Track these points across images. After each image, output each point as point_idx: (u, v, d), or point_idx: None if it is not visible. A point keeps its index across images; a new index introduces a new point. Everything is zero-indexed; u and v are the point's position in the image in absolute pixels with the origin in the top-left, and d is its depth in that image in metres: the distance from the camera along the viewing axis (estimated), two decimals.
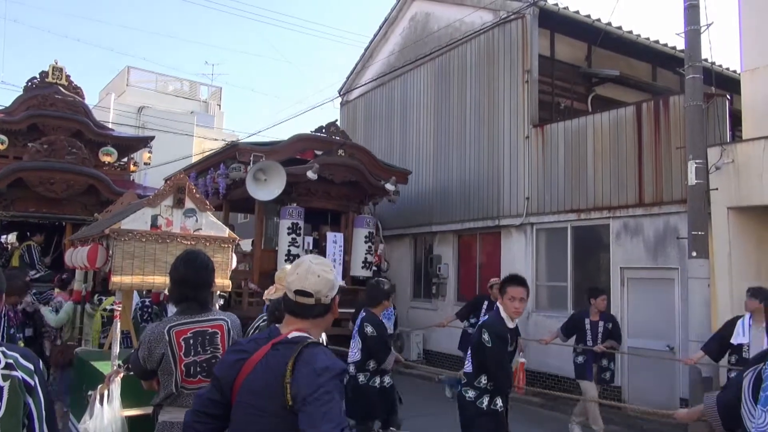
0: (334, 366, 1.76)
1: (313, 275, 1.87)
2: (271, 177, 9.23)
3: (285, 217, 9.71)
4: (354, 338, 4.91)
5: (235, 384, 1.82)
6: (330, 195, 10.41)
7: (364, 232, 10.40)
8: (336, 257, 10.15)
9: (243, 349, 1.89)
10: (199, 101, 28.16)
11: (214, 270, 2.90)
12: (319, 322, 1.93)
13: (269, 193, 9.22)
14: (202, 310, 2.85)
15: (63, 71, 12.33)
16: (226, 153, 9.96)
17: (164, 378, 2.78)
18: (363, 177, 10.27)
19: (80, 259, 4.65)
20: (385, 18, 14.03)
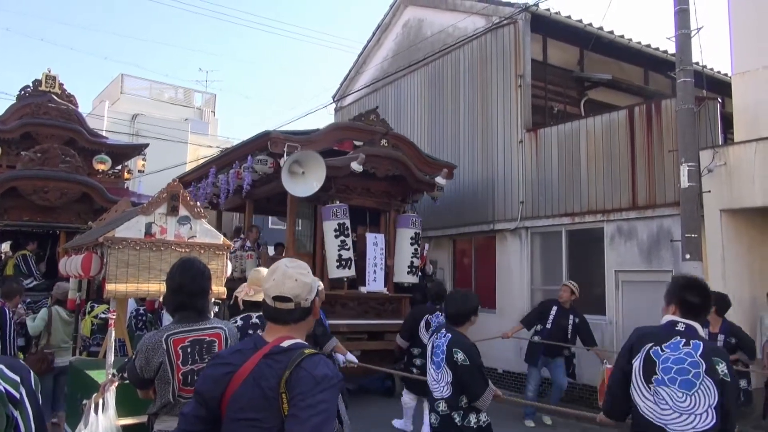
0: (333, 375, 1.72)
1: (290, 279, 1.84)
2: (309, 169, 7.96)
3: (329, 217, 8.35)
4: (438, 368, 3.72)
5: (223, 399, 1.74)
6: (370, 191, 9.12)
7: (410, 232, 9.08)
8: (377, 261, 8.92)
9: (228, 361, 1.80)
10: (193, 108, 28.10)
11: (210, 277, 2.89)
12: (301, 325, 1.89)
13: (307, 188, 7.94)
14: (200, 318, 2.84)
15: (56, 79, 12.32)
16: (255, 143, 8.58)
17: (161, 387, 2.77)
18: (408, 170, 8.94)
19: (74, 267, 4.64)
20: (378, 24, 14.08)
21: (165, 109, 25.75)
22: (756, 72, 7.47)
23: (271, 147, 7.95)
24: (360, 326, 8.38)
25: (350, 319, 8.23)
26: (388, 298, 8.84)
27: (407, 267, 8.96)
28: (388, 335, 8.12)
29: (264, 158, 8.22)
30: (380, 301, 8.81)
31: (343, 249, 8.25)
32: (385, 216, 9.45)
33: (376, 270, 8.82)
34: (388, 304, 8.87)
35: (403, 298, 8.88)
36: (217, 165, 9.98)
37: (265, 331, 1.90)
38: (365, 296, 8.63)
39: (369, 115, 9.21)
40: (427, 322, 6.12)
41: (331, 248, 8.28)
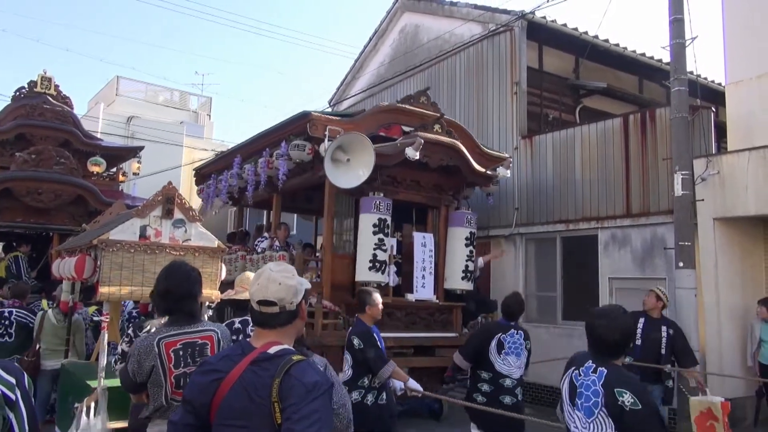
0: (324, 382, 1.70)
1: (274, 283, 1.83)
2: (355, 156, 6.83)
3: (369, 210, 7.12)
4: (589, 415, 2.67)
5: (212, 406, 1.72)
6: (419, 184, 7.90)
7: (464, 232, 7.91)
8: (425, 264, 7.75)
9: (216, 368, 1.78)
10: (188, 111, 28.09)
11: (198, 280, 2.89)
12: (288, 329, 1.87)
13: (353, 178, 6.82)
14: (191, 321, 2.84)
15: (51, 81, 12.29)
16: (291, 126, 7.41)
17: (154, 390, 2.76)
18: (464, 161, 7.70)
19: (67, 269, 4.62)
20: (375, 30, 14.12)
21: (160, 111, 25.73)
22: (749, 82, 7.53)
23: (310, 130, 6.82)
24: (409, 340, 7.19)
25: (397, 331, 7.02)
26: (439, 307, 7.71)
27: (461, 272, 7.80)
28: (439, 350, 7.02)
29: (302, 143, 7.05)
30: (430, 311, 7.70)
31: (380, 249, 7.04)
32: (434, 213, 8.31)
33: (424, 275, 7.69)
34: (438, 314, 7.71)
35: (455, 307, 7.78)
36: (242, 153, 8.64)
37: (252, 336, 1.90)
38: (413, 305, 7.51)
39: (419, 96, 8.01)
40: (500, 343, 4.71)
41: (365, 245, 7.08)
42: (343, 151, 6.84)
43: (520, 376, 4.69)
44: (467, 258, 7.81)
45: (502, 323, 4.87)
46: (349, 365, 4.32)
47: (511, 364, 4.62)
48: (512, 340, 4.71)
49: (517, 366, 4.64)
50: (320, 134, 6.80)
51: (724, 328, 7.07)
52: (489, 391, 4.63)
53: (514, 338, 4.72)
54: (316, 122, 6.83)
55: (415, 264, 7.63)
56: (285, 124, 7.60)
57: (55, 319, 5.95)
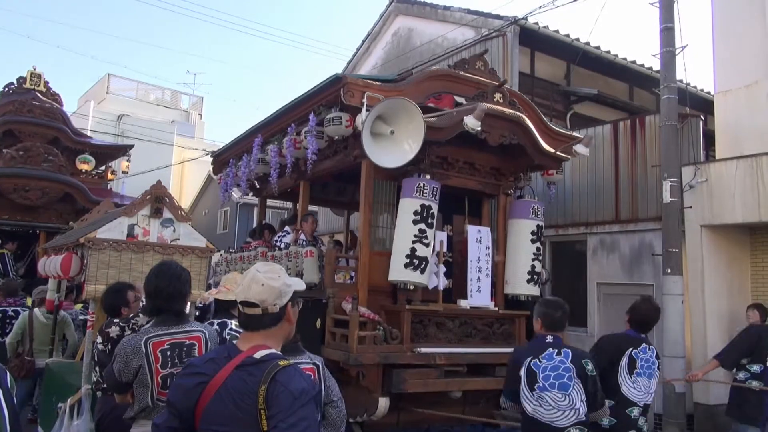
0: (310, 389, 1.69)
1: (257, 284, 1.81)
2: (400, 128, 5.47)
3: (411, 194, 5.68)
4: None
5: (196, 410, 1.70)
6: (474, 167, 6.42)
7: (530, 225, 6.39)
8: (481, 264, 6.23)
9: (200, 371, 1.75)
10: (180, 111, 28.01)
11: (188, 280, 2.88)
12: (273, 332, 1.84)
13: (398, 154, 5.42)
14: (179, 322, 2.83)
15: (41, 77, 12.20)
16: (321, 95, 6.02)
17: (140, 391, 2.74)
18: (531, 139, 6.20)
19: (53, 268, 4.58)
20: (368, 32, 14.13)
21: (151, 110, 25.63)
22: (738, 91, 7.62)
23: (345, 97, 5.53)
24: (464, 357, 5.67)
25: (449, 345, 5.67)
26: (499, 316, 6.17)
27: (526, 273, 6.30)
28: (499, 369, 5.66)
29: (337, 115, 5.71)
30: (488, 321, 6.11)
31: (420, 242, 5.61)
32: (490, 202, 6.88)
33: (480, 277, 6.20)
34: (498, 325, 6.15)
35: (518, 316, 6.20)
36: (264, 133, 7.18)
37: (239, 338, 1.87)
38: (468, 314, 6.00)
39: (474, 61, 6.59)
40: (631, 360, 3.77)
41: (403, 236, 5.64)
42: (385, 121, 5.48)
43: (647, 404, 3.80)
44: (534, 256, 6.35)
45: (632, 336, 3.88)
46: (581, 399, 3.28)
47: (642, 389, 3.74)
48: (644, 358, 3.81)
49: (648, 390, 3.78)
50: (357, 102, 5.45)
51: (710, 334, 7.13)
52: (611, 426, 3.65)
53: (647, 355, 3.81)
54: (352, 88, 5.51)
55: (469, 264, 6.17)
56: (313, 94, 6.19)
57: (44, 318, 5.89)
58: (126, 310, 3.47)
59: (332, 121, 5.72)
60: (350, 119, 5.69)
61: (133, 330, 3.26)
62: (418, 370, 5.21)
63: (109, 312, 3.53)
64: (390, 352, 5.14)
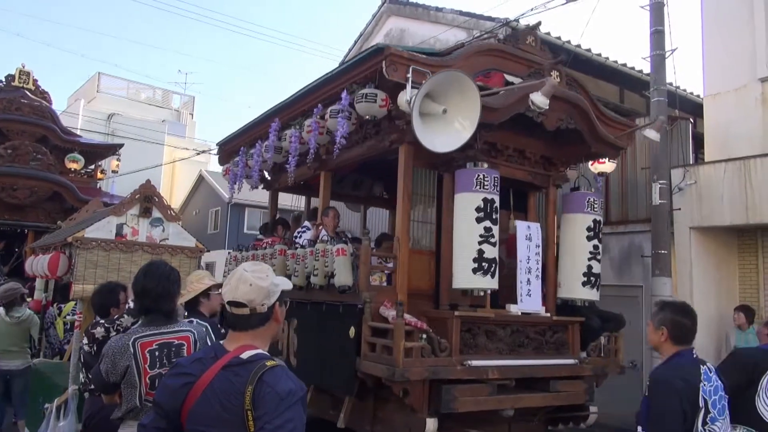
0: (297, 389, 1.67)
1: (245, 284, 1.79)
2: (452, 107, 4.72)
3: (469, 187, 5.02)
4: None
5: (183, 411, 1.69)
6: (523, 155, 5.71)
7: (586, 220, 5.76)
8: (531, 265, 5.49)
9: (187, 371, 1.74)
10: (171, 110, 27.89)
11: (177, 280, 2.86)
12: (261, 332, 1.83)
13: (451, 137, 4.68)
14: (168, 322, 2.81)
15: (30, 75, 12.10)
16: (357, 71, 5.22)
17: (127, 391, 2.72)
18: (589, 123, 5.59)
19: (41, 267, 4.55)
20: (361, 33, 14.12)
21: (142, 109, 25.52)
22: (727, 94, 7.68)
23: (387, 71, 4.77)
24: (519, 370, 5.05)
25: (500, 357, 5.05)
26: (552, 323, 5.52)
27: (582, 275, 5.68)
28: (553, 383, 5.12)
29: (372, 92, 5.01)
30: (540, 329, 5.46)
31: (487, 242, 4.96)
32: (538, 195, 6.14)
33: (530, 278, 5.48)
34: (550, 333, 5.51)
35: (572, 323, 5.59)
36: (282, 117, 6.39)
37: (226, 338, 1.86)
38: (520, 321, 5.33)
39: (525, 36, 5.89)
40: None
41: (465, 238, 4.97)
42: (432, 99, 4.75)
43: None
44: (591, 255, 5.68)
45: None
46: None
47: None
48: None
49: None
50: (401, 77, 4.74)
51: (698, 335, 7.13)
52: None
53: None
54: (396, 60, 4.78)
55: (519, 264, 5.43)
56: (349, 67, 5.43)
57: (8, 318, 5.65)
58: (115, 310, 3.44)
59: (365, 98, 4.95)
60: (386, 99, 5.01)
61: (117, 331, 3.23)
62: (469, 386, 4.59)
63: (98, 311, 3.50)
64: (439, 365, 4.49)
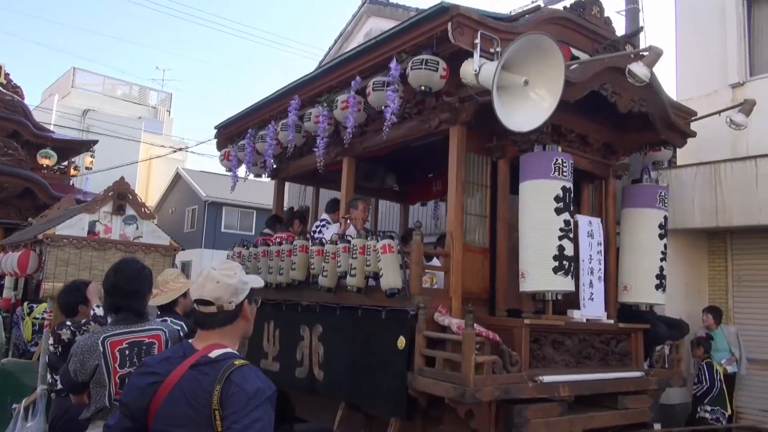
0: (266, 388, 1.65)
1: (212, 281, 1.79)
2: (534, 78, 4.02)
3: (545, 173, 4.33)
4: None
5: (149, 410, 1.67)
6: (586, 141, 4.97)
7: (657, 216, 5.21)
8: (593, 265, 4.83)
9: (154, 371, 1.72)
10: (148, 107, 27.58)
11: (149, 278, 2.84)
12: (229, 330, 1.81)
13: (533, 113, 4.01)
14: (139, 320, 2.78)
15: (1, 69, 11.87)
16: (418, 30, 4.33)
17: (96, 391, 2.69)
18: (660, 107, 5.01)
19: (10, 265, 4.48)
20: (341, 32, 14.11)
21: (118, 105, 25.19)
22: (698, 100, 7.83)
23: (452, 35, 3.99)
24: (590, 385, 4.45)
25: (567, 371, 4.41)
26: (616, 331, 4.88)
27: (655, 277, 5.10)
28: (622, 399, 4.60)
29: (432, 58, 4.17)
30: (605, 338, 4.82)
31: (567, 237, 4.29)
32: (597, 186, 5.42)
33: (592, 281, 4.82)
34: (614, 343, 4.87)
35: (635, 331, 4.99)
36: (303, 94, 5.57)
37: (195, 337, 1.85)
38: (587, 329, 4.68)
39: (591, 5, 4.98)
40: None
41: (541, 232, 4.30)
42: (509, 71, 3.95)
43: None
44: (662, 256, 5.15)
45: None
46: None
47: None
48: None
49: None
50: (467, 44, 4.03)
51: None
52: None
53: None
54: (463, 22, 4.04)
55: (581, 264, 4.75)
56: (400, 31, 4.51)
57: None
58: (83, 308, 3.39)
59: (425, 65, 4.13)
60: (447, 69, 4.22)
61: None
62: (541, 406, 3.99)
63: (65, 310, 3.45)
64: (510, 383, 3.84)
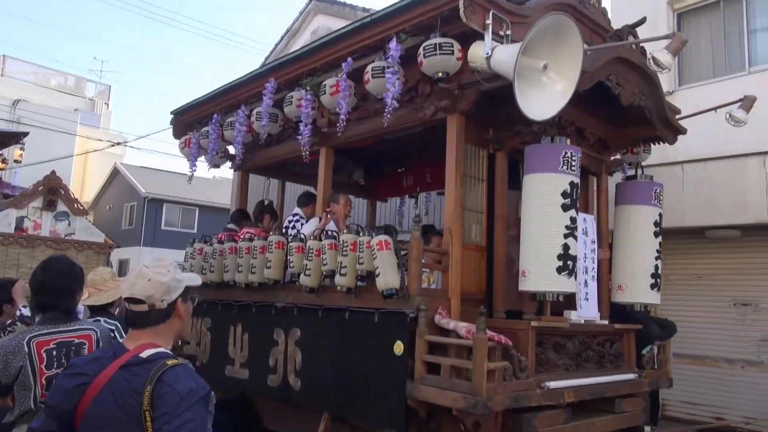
0: (199, 388, 1.61)
1: (143, 279, 1.74)
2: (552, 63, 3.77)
3: (553, 166, 4.10)
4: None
5: (76, 413, 1.61)
6: (582, 135, 4.77)
7: (652, 213, 5.07)
8: (587, 264, 4.68)
9: (82, 371, 1.66)
10: (85, 98, 26.61)
11: (79, 276, 2.75)
12: (162, 329, 1.77)
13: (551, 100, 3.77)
14: (68, 320, 2.70)
15: None
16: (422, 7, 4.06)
17: (21, 393, 2.59)
18: (658, 102, 4.91)
19: None
20: (287, 29, 14.03)
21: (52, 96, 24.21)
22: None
23: (464, 14, 3.75)
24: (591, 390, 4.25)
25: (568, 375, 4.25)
26: (611, 333, 4.79)
27: (650, 276, 4.98)
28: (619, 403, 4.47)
29: (447, 41, 3.94)
30: (601, 339, 4.72)
31: (572, 236, 4.08)
32: (593, 183, 5.29)
33: (587, 280, 4.70)
34: (609, 344, 4.78)
35: (628, 332, 4.90)
36: (280, 76, 5.18)
37: (126, 337, 1.80)
38: (585, 331, 4.56)
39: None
40: None
41: (545, 230, 4.07)
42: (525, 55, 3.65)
43: None
44: (657, 254, 5.03)
45: None
46: None
47: None
48: None
49: None
50: (479, 25, 3.80)
51: None
52: None
53: None
54: (476, 1, 3.80)
55: (580, 261, 4.59)
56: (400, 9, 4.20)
57: None
58: (9, 307, 3.26)
59: (440, 49, 3.91)
60: (461, 51, 3.95)
61: None
62: (548, 414, 3.81)
63: None
64: (520, 390, 3.63)
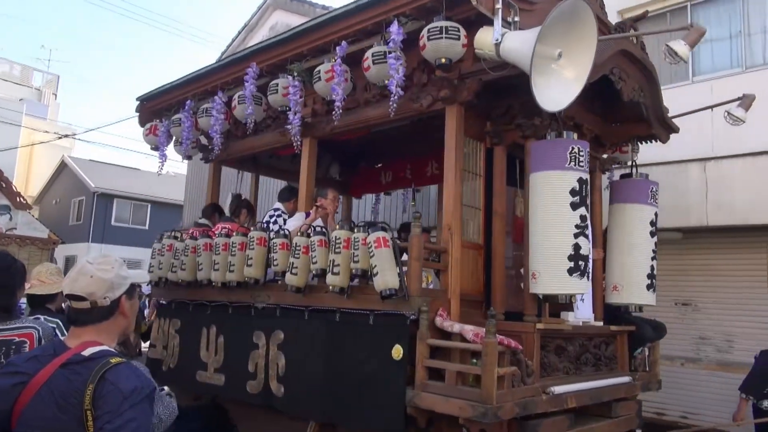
0: (143, 386, 1.58)
1: (85, 276, 1.71)
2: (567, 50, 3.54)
3: (562, 163, 3.85)
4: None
5: (13, 413, 1.56)
6: (580, 130, 4.51)
7: (649, 213, 4.88)
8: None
9: (20, 370, 1.61)
10: (31, 88, 25.61)
11: (20, 273, 2.67)
12: (105, 326, 1.72)
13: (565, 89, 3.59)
14: (7, 318, 2.63)
15: None
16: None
17: None
18: (656, 99, 4.84)
19: None
20: (245, 23, 13.89)
21: None
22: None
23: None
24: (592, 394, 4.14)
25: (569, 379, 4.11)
26: (607, 335, 4.70)
27: (647, 277, 4.78)
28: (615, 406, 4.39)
29: (452, 25, 3.67)
30: (597, 342, 4.62)
31: (583, 235, 3.83)
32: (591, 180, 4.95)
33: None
34: (604, 346, 4.68)
35: (622, 334, 4.80)
36: (262, 60, 4.92)
37: (68, 334, 1.76)
38: (584, 333, 4.46)
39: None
40: None
41: (552, 230, 3.83)
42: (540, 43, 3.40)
43: None
44: (653, 254, 4.85)
45: None
46: None
47: None
48: None
49: None
50: (488, 8, 3.56)
51: None
52: None
53: None
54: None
55: None
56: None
57: None
58: None
59: (446, 33, 3.65)
60: (467, 37, 3.73)
61: None
62: (553, 420, 3.67)
63: None
64: (528, 397, 3.45)
